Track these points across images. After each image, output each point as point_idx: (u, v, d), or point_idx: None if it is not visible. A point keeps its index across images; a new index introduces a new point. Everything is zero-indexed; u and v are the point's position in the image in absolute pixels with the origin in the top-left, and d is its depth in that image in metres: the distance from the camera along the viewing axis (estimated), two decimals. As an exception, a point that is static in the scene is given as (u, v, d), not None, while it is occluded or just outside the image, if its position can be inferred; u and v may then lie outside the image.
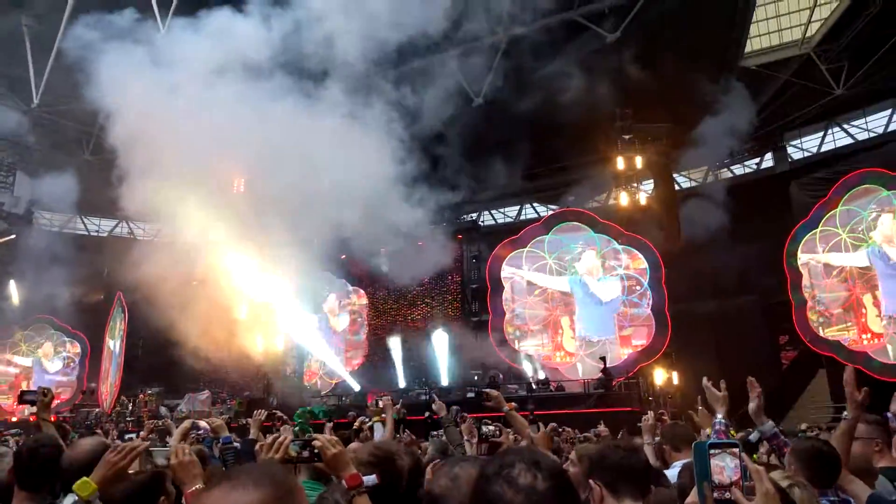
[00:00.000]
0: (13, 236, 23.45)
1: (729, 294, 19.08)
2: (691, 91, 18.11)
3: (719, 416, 3.15)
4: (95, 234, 28.08)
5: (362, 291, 24.35)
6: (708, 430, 3.77)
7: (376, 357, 23.24)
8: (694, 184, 23.46)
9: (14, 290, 24.22)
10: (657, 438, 4.77)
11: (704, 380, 3.27)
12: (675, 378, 17.71)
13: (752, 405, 3.29)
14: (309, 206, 17.18)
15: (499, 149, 20.21)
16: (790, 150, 21.63)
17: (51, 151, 23.34)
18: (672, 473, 3.30)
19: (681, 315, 18.91)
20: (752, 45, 20.10)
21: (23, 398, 4.67)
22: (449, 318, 22.68)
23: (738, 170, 22.68)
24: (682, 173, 23.48)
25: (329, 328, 24.39)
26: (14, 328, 25.22)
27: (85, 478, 2.09)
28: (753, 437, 3.58)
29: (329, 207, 17.28)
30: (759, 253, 18.09)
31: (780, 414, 15.73)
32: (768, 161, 22.09)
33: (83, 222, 27.89)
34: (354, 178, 17.03)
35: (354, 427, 9.13)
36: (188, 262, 18.36)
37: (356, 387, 21.65)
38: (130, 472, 2.23)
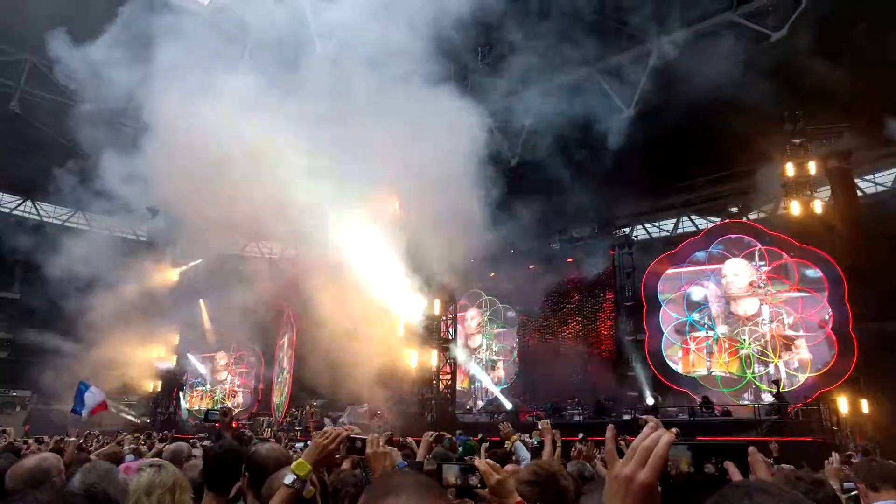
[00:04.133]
0: (200, 260, 26.35)
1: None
2: (875, 85, 16.15)
3: None
4: (269, 255, 30.84)
5: (511, 308, 24.32)
6: None
7: (527, 375, 23.06)
8: (881, 188, 20.87)
9: (204, 309, 27.20)
10: (846, 483, 4.12)
11: None
12: (865, 406, 15.68)
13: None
14: (459, 224, 17.51)
15: (652, 159, 19.32)
16: None
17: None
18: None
19: (871, 335, 16.73)
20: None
21: (207, 418, 5.27)
22: (602, 337, 21.96)
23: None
24: (866, 178, 21.00)
25: (468, 346, 24.66)
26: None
27: (301, 459, 2.25)
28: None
29: (477, 225, 17.51)
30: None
31: None
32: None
33: (258, 246, 30.79)
34: (498, 193, 17.11)
35: (507, 447, 9.07)
36: (346, 282, 19.42)
37: (508, 405, 21.62)
38: (337, 456, 2.39)
